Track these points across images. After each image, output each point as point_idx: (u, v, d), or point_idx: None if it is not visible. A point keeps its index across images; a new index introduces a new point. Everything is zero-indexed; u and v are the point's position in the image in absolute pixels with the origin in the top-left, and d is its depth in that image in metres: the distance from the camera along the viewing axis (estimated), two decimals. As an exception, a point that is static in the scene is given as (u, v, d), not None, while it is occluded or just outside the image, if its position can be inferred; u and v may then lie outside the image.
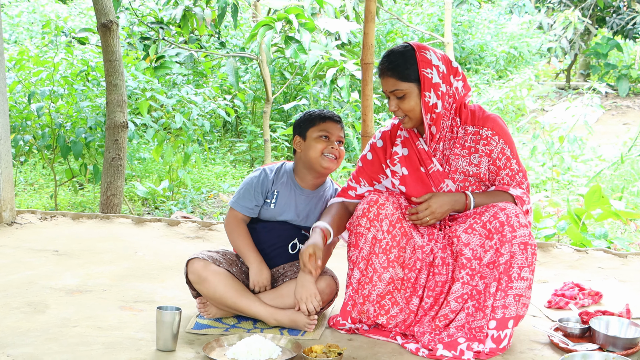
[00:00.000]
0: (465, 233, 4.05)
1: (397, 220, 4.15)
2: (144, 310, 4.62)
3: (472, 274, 4.02)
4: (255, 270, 4.37)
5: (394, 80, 4.07)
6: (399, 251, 4.14)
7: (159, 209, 9.08)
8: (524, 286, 3.95)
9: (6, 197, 6.64)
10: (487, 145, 4.11)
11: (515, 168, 4.14)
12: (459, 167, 4.16)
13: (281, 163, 4.63)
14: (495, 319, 3.94)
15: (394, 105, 4.11)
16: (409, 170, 4.24)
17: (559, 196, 9.11)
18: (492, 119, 4.15)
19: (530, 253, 3.95)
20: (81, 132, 8.37)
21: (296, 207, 4.51)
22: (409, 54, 4.06)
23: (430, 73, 4.03)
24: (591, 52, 18.59)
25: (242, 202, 4.50)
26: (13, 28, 16.14)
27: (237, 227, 4.49)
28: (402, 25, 15.63)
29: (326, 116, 4.43)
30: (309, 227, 4.49)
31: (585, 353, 3.76)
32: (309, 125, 4.44)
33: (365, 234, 4.16)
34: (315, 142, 4.40)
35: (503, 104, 11.63)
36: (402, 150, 4.27)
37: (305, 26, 8.31)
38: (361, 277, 4.17)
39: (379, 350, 4.04)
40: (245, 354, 3.85)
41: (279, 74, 12.40)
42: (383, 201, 4.15)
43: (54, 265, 5.56)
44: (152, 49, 10.06)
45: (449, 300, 4.05)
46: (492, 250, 3.98)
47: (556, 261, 5.85)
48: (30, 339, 4.10)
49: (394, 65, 4.07)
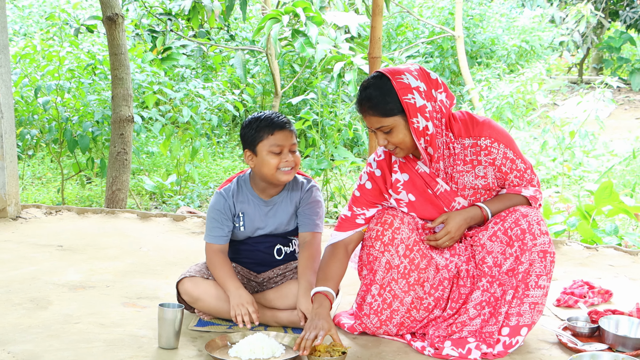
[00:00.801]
0: (490, 240, 3.99)
1: (414, 243, 4.05)
2: (147, 307, 4.59)
3: (492, 281, 3.97)
4: (233, 296, 4.16)
5: (377, 117, 3.90)
6: (418, 273, 4.04)
7: (166, 203, 9.06)
8: (540, 294, 3.89)
9: (11, 192, 6.61)
10: (488, 155, 3.99)
11: (521, 167, 4.05)
12: (466, 184, 4.06)
13: (235, 180, 4.46)
14: (509, 325, 3.90)
15: (382, 139, 3.95)
16: (415, 194, 4.11)
17: (570, 192, 9.06)
18: (487, 125, 4.02)
19: (549, 261, 3.90)
20: (88, 126, 8.36)
21: (266, 220, 4.40)
22: (385, 86, 3.88)
23: (412, 98, 3.85)
24: (604, 46, 18.54)
25: (213, 233, 4.37)
26: (23, 20, 16.16)
27: (214, 260, 4.33)
28: (413, 18, 15.58)
29: (275, 125, 4.18)
30: (289, 230, 4.43)
31: (594, 353, 3.72)
32: (257, 139, 4.21)
33: (379, 257, 4.06)
34: (267, 157, 4.19)
35: (513, 99, 11.56)
36: (402, 176, 4.13)
37: (312, 20, 8.27)
38: (373, 302, 4.09)
39: (384, 349, 4.00)
40: (248, 352, 3.81)
41: (289, 67, 12.37)
42: (398, 224, 4.04)
43: (57, 261, 5.55)
44: (160, 41, 10.04)
45: (468, 308, 3.99)
46: (512, 258, 3.92)
47: (566, 258, 5.80)
48: (32, 336, 4.08)
49: (373, 103, 3.88)
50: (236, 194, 4.39)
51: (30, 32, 15.26)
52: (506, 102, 11.38)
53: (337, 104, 9.54)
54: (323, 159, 8.44)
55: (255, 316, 4.09)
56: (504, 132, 4.05)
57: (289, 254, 4.48)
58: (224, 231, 4.36)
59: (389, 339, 4.13)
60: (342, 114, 9.09)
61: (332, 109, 9.41)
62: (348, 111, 9.24)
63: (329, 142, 8.80)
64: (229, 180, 4.48)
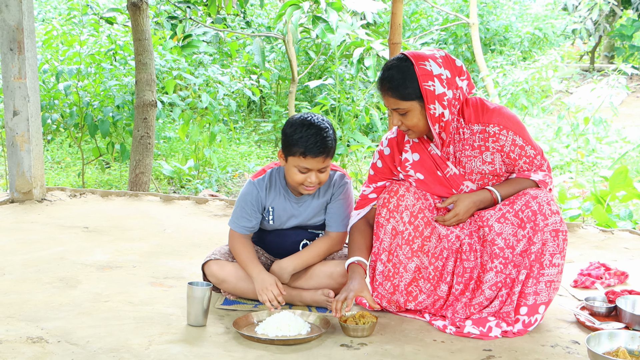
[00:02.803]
0: (498, 222, 4.03)
1: (418, 211, 4.12)
2: (174, 287, 4.67)
3: (506, 263, 4.02)
4: (257, 281, 4.22)
5: (395, 99, 3.96)
6: (422, 241, 4.12)
7: (184, 187, 9.14)
8: (555, 272, 3.96)
9: (36, 175, 6.72)
10: (496, 142, 4.03)
11: (531, 153, 4.07)
12: (474, 169, 4.11)
13: (269, 171, 4.44)
14: (526, 305, 3.97)
15: (397, 120, 4.01)
16: (425, 174, 4.18)
17: (584, 177, 9.11)
18: (497, 112, 4.05)
19: (562, 239, 3.96)
20: (108, 111, 8.44)
21: (296, 215, 4.42)
22: (407, 70, 3.92)
23: (432, 85, 3.90)
24: (616, 34, 18.48)
25: (240, 222, 4.39)
26: (41, 6, 16.22)
27: (236, 244, 4.38)
28: (427, 6, 15.60)
29: (309, 151, 4.10)
30: (316, 224, 4.47)
31: (612, 332, 3.76)
32: (290, 151, 4.17)
33: (385, 224, 4.15)
34: (294, 170, 4.19)
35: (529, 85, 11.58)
36: (413, 155, 4.19)
37: (332, 6, 8.32)
38: (384, 269, 4.18)
39: (406, 327, 4.08)
40: (275, 330, 3.89)
41: (304, 53, 12.41)
42: (403, 192, 4.12)
43: (84, 242, 5.64)
44: (180, 28, 10.10)
45: (484, 289, 4.05)
46: (525, 240, 3.98)
47: (582, 241, 5.87)
48: (63, 313, 4.17)
49: (393, 85, 3.94)
50: (268, 187, 4.40)
51: (48, 17, 15.32)
52: (521, 89, 11.41)
53: (354, 90, 9.61)
54: (340, 145, 8.52)
55: (281, 298, 4.16)
56: (514, 119, 4.07)
57: None
58: (252, 223, 4.40)
59: (410, 318, 4.21)
60: (359, 99, 9.16)
61: (349, 94, 9.48)
62: (364, 97, 9.31)
63: (345, 128, 8.87)
64: (263, 171, 4.47)
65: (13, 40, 6.47)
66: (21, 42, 6.46)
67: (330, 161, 4.24)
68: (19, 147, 6.62)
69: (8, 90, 6.56)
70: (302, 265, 4.34)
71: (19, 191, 6.72)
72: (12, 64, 6.50)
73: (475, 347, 3.82)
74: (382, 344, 3.84)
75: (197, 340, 3.84)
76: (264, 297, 4.16)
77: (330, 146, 4.17)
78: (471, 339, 3.92)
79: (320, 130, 4.13)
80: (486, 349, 3.81)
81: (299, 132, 4.12)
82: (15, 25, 6.45)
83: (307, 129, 4.12)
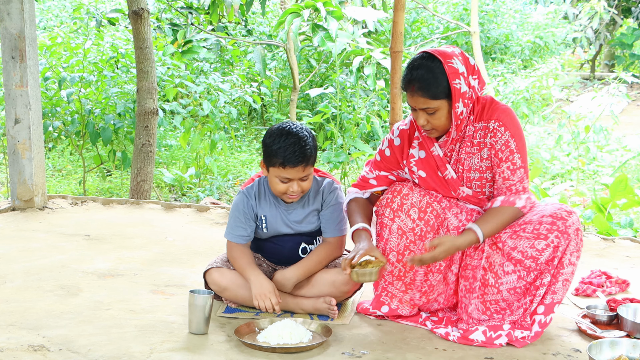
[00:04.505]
0: (511, 239, 4.01)
1: (427, 205, 4.13)
2: (175, 295, 4.68)
3: (529, 270, 3.99)
4: (254, 285, 4.23)
5: (425, 99, 3.93)
6: (434, 234, 4.15)
7: (185, 195, 9.15)
8: (570, 271, 3.97)
9: (38, 182, 6.72)
10: (493, 137, 4.00)
11: (517, 162, 4.00)
12: (472, 165, 4.10)
13: (257, 180, 4.45)
14: (543, 304, 3.97)
15: (423, 119, 3.99)
16: (427, 173, 4.17)
17: (585, 186, 9.11)
18: (501, 110, 4.03)
19: (580, 238, 3.98)
20: (110, 119, 8.45)
21: (288, 222, 4.41)
22: (437, 69, 3.91)
23: (459, 83, 3.91)
24: (616, 43, 18.50)
25: (236, 232, 4.40)
26: (43, 14, 16.23)
27: (235, 252, 4.39)
28: (428, 14, 15.61)
29: (287, 162, 4.11)
30: (310, 230, 4.46)
31: (613, 340, 3.77)
32: (269, 162, 4.20)
33: (389, 225, 4.16)
34: (275, 180, 4.22)
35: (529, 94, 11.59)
36: (419, 152, 4.18)
37: (332, 14, 8.33)
38: (394, 269, 4.19)
39: (408, 335, 4.08)
40: (277, 338, 3.90)
41: (305, 61, 12.42)
42: (407, 191, 4.14)
43: (85, 250, 5.64)
44: (181, 34, 10.12)
45: (501, 290, 4.02)
46: (550, 248, 3.94)
47: (583, 250, 5.80)
48: (65, 321, 4.17)
49: (424, 85, 3.91)
50: (258, 195, 4.42)
51: (50, 25, 15.34)
52: (522, 97, 11.41)
53: (355, 98, 9.62)
54: (341, 152, 8.52)
55: (278, 307, 4.19)
56: (516, 124, 4.04)
57: None
58: (247, 231, 4.41)
59: (412, 326, 4.21)
60: (360, 107, 9.17)
61: (350, 102, 9.49)
62: (365, 105, 9.31)
63: (346, 136, 8.88)
64: (251, 180, 4.50)
65: (15, 49, 6.48)
66: (23, 50, 6.47)
67: (312, 169, 4.25)
68: (21, 155, 6.62)
69: (10, 98, 6.57)
70: (305, 275, 4.35)
71: (20, 199, 6.72)
72: (14, 72, 6.51)
73: (476, 356, 3.83)
74: (384, 352, 3.85)
75: (198, 349, 3.84)
76: (261, 304, 4.19)
77: (310, 154, 4.17)
78: (473, 347, 3.93)
79: (298, 139, 4.14)
80: (488, 357, 3.82)
81: (278, 142, 4.14)
82: (17, 33, 6.46)
83: (285, 138, 4.14)
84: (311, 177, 4.27)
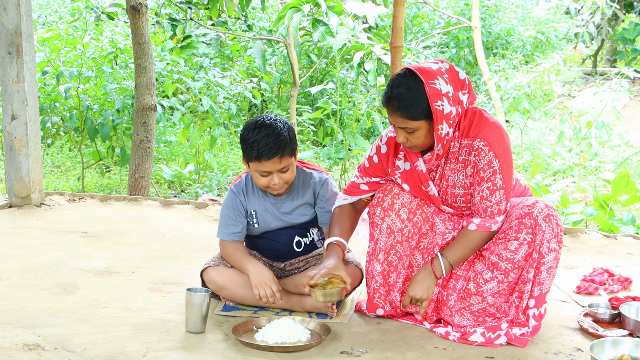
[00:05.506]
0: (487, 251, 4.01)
1: (417, 207, 4.11)
2: (173, 292, 4.64)
3: (507, 272, 3.94)
4: (253, 274, 4.20)
5: (403, 119, 3.84)
6: (419, 237, 4.13)
7: (185, 191, 9.12)
8: (552, 257, 3.89)
9: (35, 179, 6.68)
10: (477, 156, 3.90)
11: (498, 183, 3.90)
12: (457, 182, 4.02)
13: (244, 176, 4.44)
14: (533, 297, 3.92)
15: (402, 137, 3.91)
16: (410, 186, 4.12)
17: (586, 182, 9.08)
18: (489, 128, 3.90)
19: (555, 223, 3.88)
20: (109, 115, 8.42)
21: (279, 215, 4.39)
22: (417, 90, 3.79)
23: (441, 105, 3.79)
24: (618, 38, 18.47)
25: (227, 230, 4.38)
26: (42, 9, 16.21)
27: (228, 248, 4.37)
28: (429, 9, 15.59)
29: (261, 155, 4.07)
30: (301, 222, 4.43)
31: (615, 339, 3.75)
32: (247, 158, 4.18)
33: (380, 224, 4.13)
34: (256, 174, 4.19)
35: (531, 89, 11.56)
36: (405, 164, 4.11)
37: (333, 9, 8.29)
38: (382, 269, 4.16)
39: (407, 334, 4.04)
40: (275, 336, 3.86)
41: (306, 57, 12.39)
42: (398, 190, 4.11)
43: (82, 247, 5.60)
44: (180, 29, 10.09)
45: (485, 297, 3.99)
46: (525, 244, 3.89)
47: (585, 247, 5.83)
48: (60, 320, 4.14)
49: (402, 105, 3.81)
50: (246, 191, 4.39)
51: (49, 21, 15.31)
52: (523, 93, 11.38)
53: (356, 94, 9.58)
54: (341, 149, 8.49)
55: (278, 295, 4.16)
56: (502, 143, 3.92)
57: (308, 245, 4.50)
58: (238, 227, 4.37)
59: (411, 324, 4.18)
60: (360, 103, 9.13)
61: (351, 98, 9.45)
62: (366, 101, 9.28)
63: (347, 132, 8.84)
64: (239, 177, 4.49)
65: (11, 44, 6.44)
66: (19, 45, 6.43)
67: (290, 160, 4.18)
68: (17, 152, 6.59)
69: (6, 94, 6.53)
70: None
71: (17, 196, 6.68)
72: (11, 67, 6.47)
73: (477, 355, 3.79)
74: (383, 352, 3.81)
75: (195, 347, 3.81)
76: (261, 292, 4.14)
77: (284, 145, 4.11)
78: (473, 347, 3.89)
79: (272, 130, 4.10)
80: (488, 356, 3.78)
81: (252, 136, 4.10)
82: (14, 28, 6.42)
83: (258, 131, 4.10)
84: (293, 168, 4.22)
